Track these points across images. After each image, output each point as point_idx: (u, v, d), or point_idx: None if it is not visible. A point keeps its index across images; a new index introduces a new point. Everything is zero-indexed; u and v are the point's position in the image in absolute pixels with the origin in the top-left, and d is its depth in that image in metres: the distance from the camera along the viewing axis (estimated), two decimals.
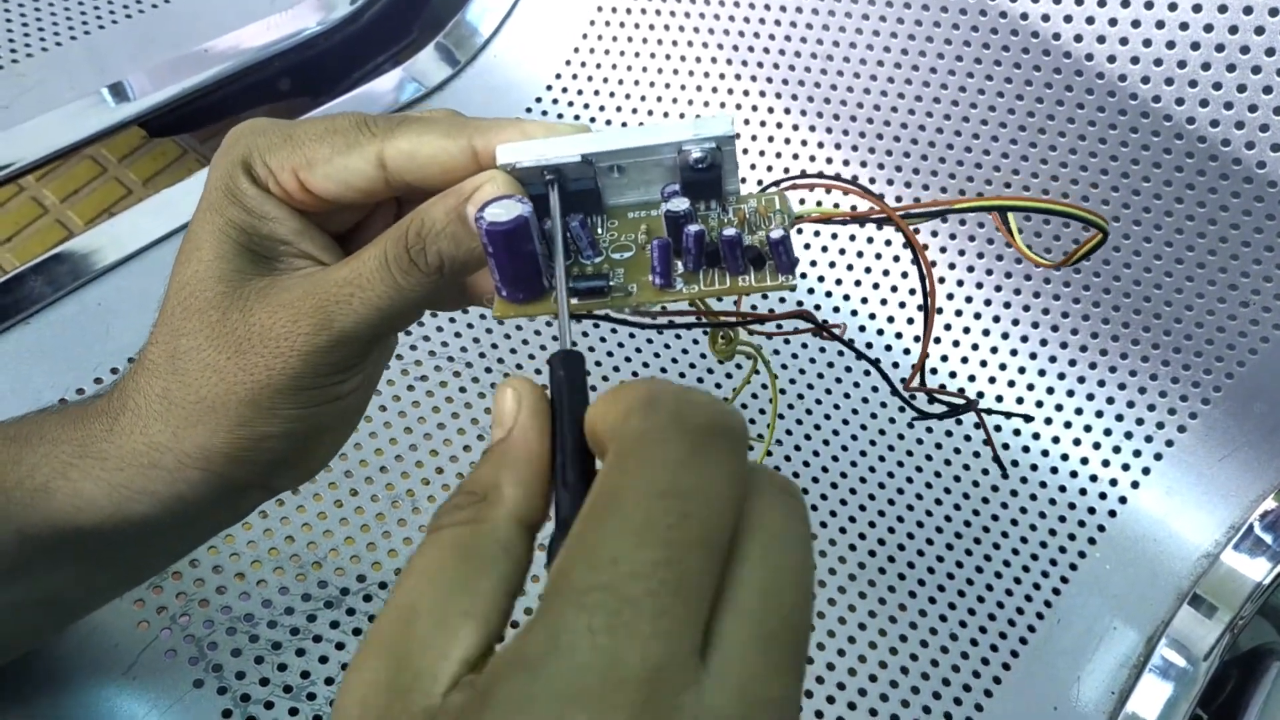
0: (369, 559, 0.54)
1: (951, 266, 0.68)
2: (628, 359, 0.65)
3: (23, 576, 0.37)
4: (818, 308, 0.69)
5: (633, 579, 0.20)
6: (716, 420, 0.23)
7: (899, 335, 0.68)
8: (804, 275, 0.70)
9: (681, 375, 0.66)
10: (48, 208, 1.07)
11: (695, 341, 0.67)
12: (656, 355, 0.66)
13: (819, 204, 0.33)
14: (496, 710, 0.20)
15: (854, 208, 0.32)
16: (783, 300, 0.68)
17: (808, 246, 0.70)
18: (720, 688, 0.20)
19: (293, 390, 0.33)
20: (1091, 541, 0.63)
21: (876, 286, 0.69)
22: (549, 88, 0.77)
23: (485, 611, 0.22)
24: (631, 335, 0.66)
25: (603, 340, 0.66)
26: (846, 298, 0.69)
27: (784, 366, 0.67)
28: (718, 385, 0.65)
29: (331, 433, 0.37)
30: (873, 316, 0.69)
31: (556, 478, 0.25)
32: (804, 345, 0.68)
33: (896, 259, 0.69)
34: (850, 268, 0.70)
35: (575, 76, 0.76)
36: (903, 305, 0.69)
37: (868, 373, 0.67)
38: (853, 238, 0.70)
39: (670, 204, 0.30)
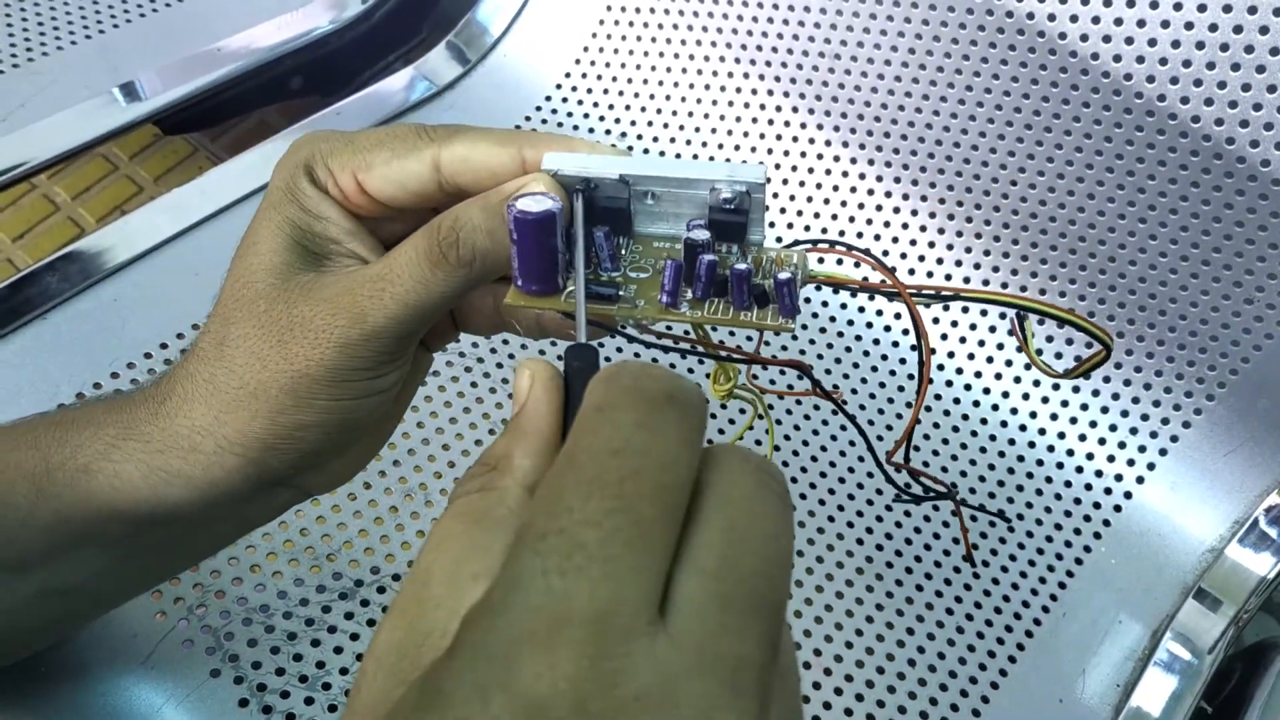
0: (383, 551, 0.55)
1: (958, 264, 0.69)
2: None
3: (53, 562, 0.38)
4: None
5: (585, 525, 0.21)
6: (671, 389, 0.24)
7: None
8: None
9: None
10: (59, 205, 1.08)
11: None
12: None
13: (839, 262, 0.33)
14: (460, 653, 0.21)
15: (865, 278, 0.34)
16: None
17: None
18: (672, 642, 0.21)
19: (330, 381, 0.34)
20: (1097, 536, 0.64)
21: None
22: (558, 86, 0.77)
23: (495, 571, 0.23)
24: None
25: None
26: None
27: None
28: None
29: (364, 438, 0.39)
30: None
31: None
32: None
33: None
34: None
35: (585, 75, 0.77)
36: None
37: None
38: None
39: (693, 233, 0.32)
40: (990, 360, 0.68)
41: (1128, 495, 0.65)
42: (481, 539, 0.24)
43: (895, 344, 0.69)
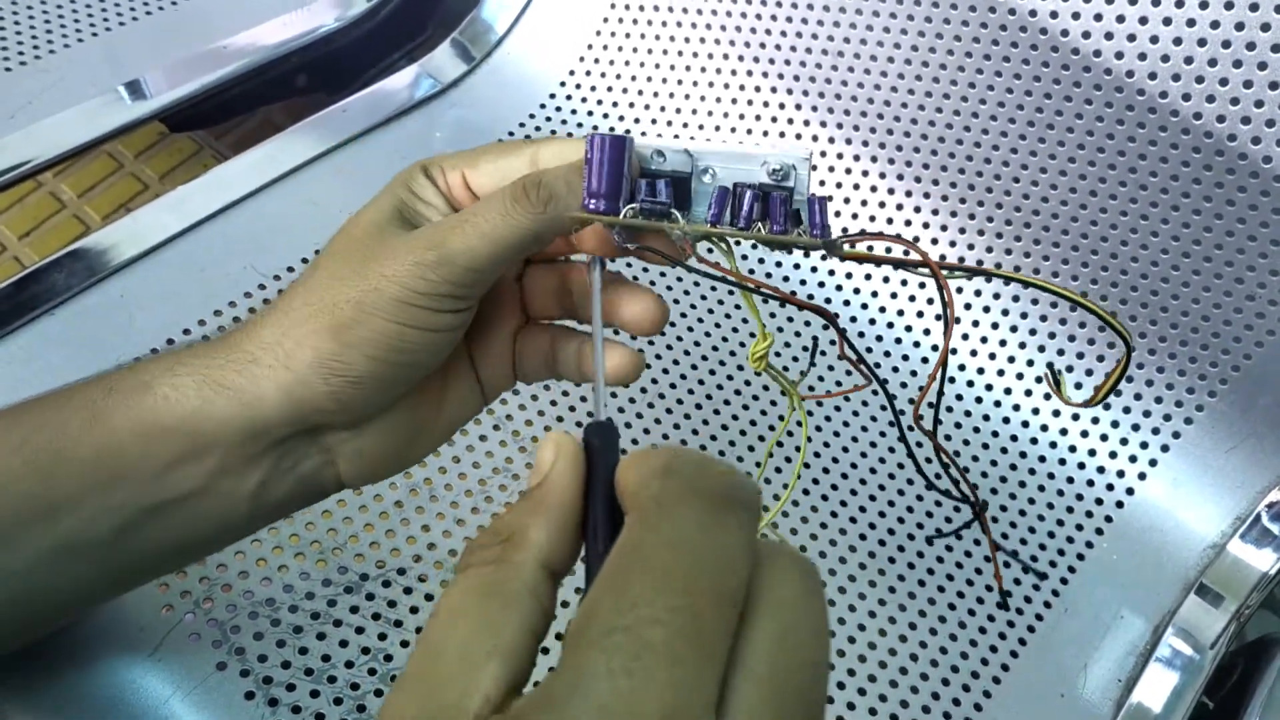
0: (387, 545, 0.55)
1: (962, 261, 0.69)
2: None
3: (82, 508, 0.39)
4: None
5: (652, 624, 0.22)
6: (731, 489, 0.25)
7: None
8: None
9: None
10: (65, 203, 1.08)
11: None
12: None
13: (870, 248, 0.38)
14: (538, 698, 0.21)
15: (890, 253, 0.35)
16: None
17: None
18: None
19: (394, 301, 0.37)
20: (1099, 532, 0.64)
21: (900, 303, 0.70)
22: (562, 84, 0.78)
23: (509, 650, 0.24)
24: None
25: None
26: (864, 307, 0.70)
27: (803, 379, 0.68)
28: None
29: (401, 419, 0.41)
30: (890, 326, 0.70)
31: (589, 532, 0.27)
32: (825, 358, 0.69)
33: (922, 285, 0.69)
34: (868, 277, 0.70)
35: (589, 73, 0.77)
36: (927, 332, 0.69)
37: (885, 384, 0.68)
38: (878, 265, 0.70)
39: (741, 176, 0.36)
40: (993, 357, 0.68)
41: (1130, 491, 0.65)
42: (495, 615, 0.24)
43: (910, 328, 0.69)
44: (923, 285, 0.69)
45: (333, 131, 0.73)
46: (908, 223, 0.70)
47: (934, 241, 0.69)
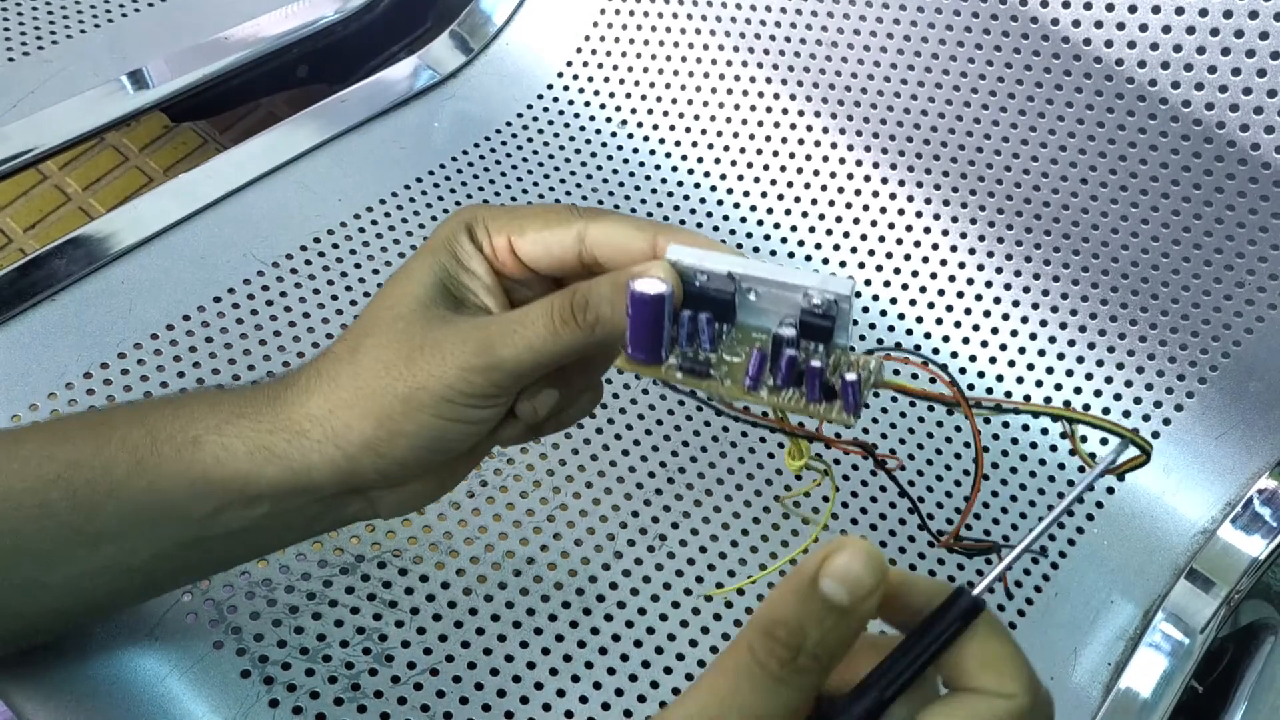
0: (382, 527, 0.56)
1: (953, 249, 0.69)
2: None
3: (126, 539, 0.41)
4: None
5: None
6: None
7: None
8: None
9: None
10: (70, 195, 1.09)
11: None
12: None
13: (895, 372, 0.38)
14: None
15: (930, 391, 0.37)
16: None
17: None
18: None
19: (440, 399, 0.38)
20: (1090, 517, 0.64)
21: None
22: (560, 75, 0.78)
23: None
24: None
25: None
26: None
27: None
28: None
29: (435, 475, 0.43)
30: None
31: (893, 663, 0.30)
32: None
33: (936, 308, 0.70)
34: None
35: (586, 64, 0.78)
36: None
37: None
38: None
39: (781, 329, 0.36)
40: (985, 345, 0.68)
41: (1121, 477, 0.65)
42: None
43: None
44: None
45: (332, 121, 0.74)
46: (900, 211, 0.71)
47: (926, 230, 0.70)
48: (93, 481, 0.40)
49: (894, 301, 0.70)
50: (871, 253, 0.71)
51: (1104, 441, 0.37)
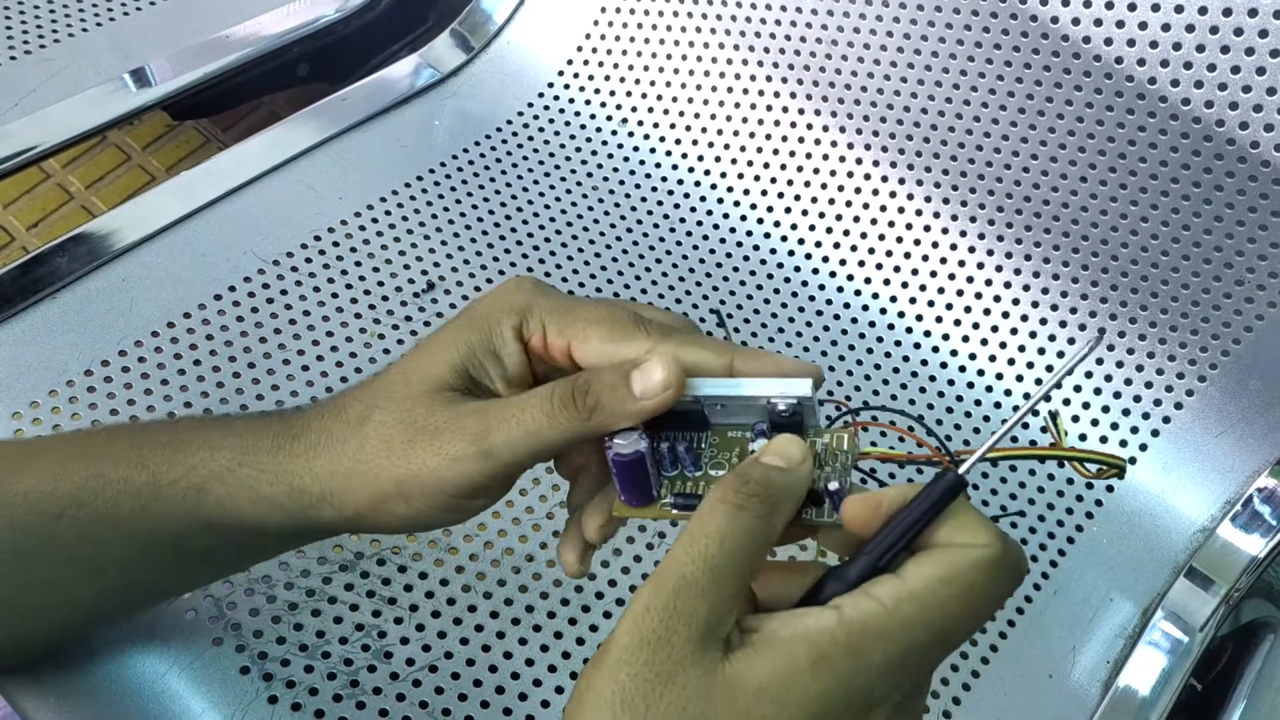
0: None
1: (953, 247, 0.69)
2: None
3: (133, 566, 0.42)
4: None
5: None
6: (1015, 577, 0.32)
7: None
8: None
9: None
10: (73, 194, 1.09)
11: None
12: None
13: (873, 443, 0.39)
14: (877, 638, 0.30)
15: (911, 454, 0.39)
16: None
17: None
18: None
19: (431, 489, 0.38)
20: (1089, 516, 0.64)
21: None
22: (560, 73, 0.78)
23: (745, 596, 0.32)
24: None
25: None
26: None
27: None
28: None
29: (417, 527, 0.42)
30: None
31: (887, 533, 0.33)
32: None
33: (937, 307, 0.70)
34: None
35: (586, 62, 0.78)
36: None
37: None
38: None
39: (755, 443, 0.37)
40: (985, 343, 0.68)
41: (1120, 475, 0.65)
42: (751, 567, 0.33)
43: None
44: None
45: (333, 119, 0.74)
46: (900, 209, 0.71)
47: (926, 229, 0.70)
48: (97, 520, 0.40)
49: (894, 300, 0.70)
50: (872, 250, 0.71)
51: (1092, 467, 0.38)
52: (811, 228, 0.72)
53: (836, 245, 0.72)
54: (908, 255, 0.70)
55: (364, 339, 0.63)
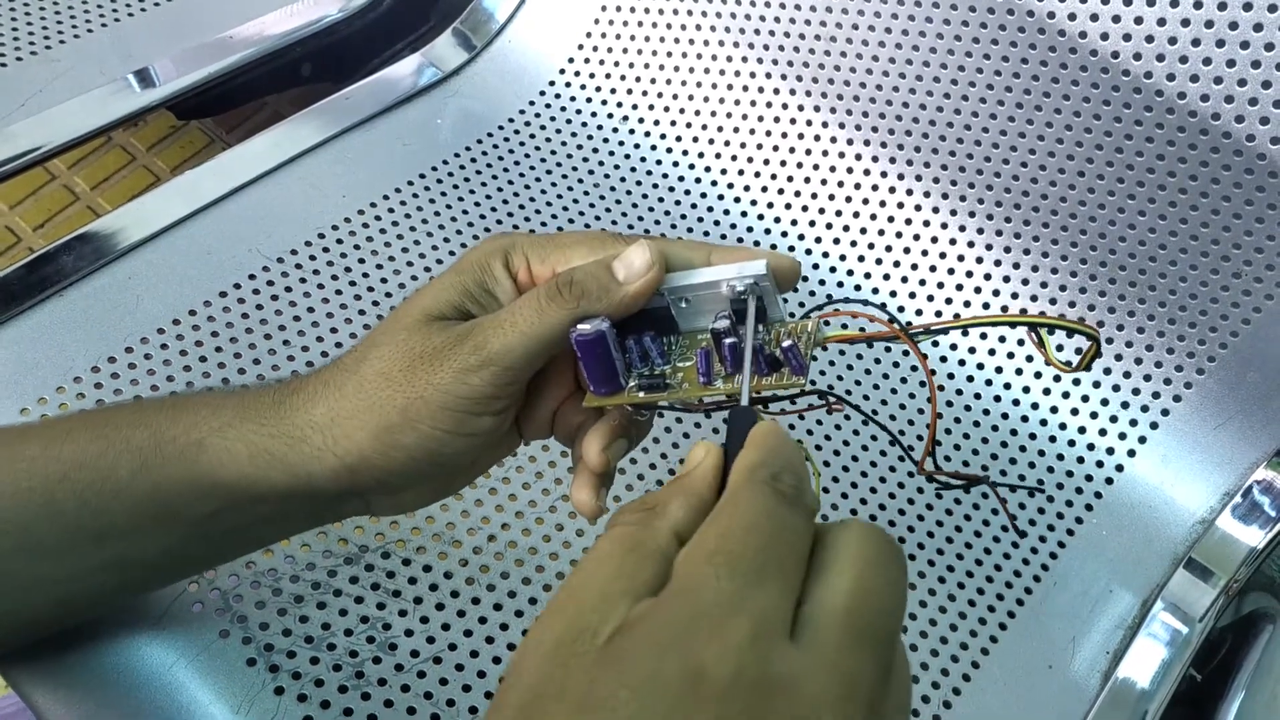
0: (386, 519, 0.56)
1: (953, 242, 0.70)
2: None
3: (132, 536, 0.42)
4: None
5: (747, 553, 0.28)
6: (799, 483, 0.31)
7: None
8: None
9: None
10: (78, 195, 1.10)
11: None
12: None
13: (844, 325, 0.40)
14: (643, 626, 0.27)
15: (871, 330, 0.39)
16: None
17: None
18: (803, 648, 0.27)
19: (438, 407, 0.39)
20: (1089, 508, 0.65)
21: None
22: (562, 71, 0.79)
23: (640, 593, 0.28)
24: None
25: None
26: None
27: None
28: None
29: (436, 482, 0.44)
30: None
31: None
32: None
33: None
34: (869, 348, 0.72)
35: (588, 60, 0.78)
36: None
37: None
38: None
39: (716, 324, 0.38)
40: (984, 337, 0.69)
41: (1120, 468, 0.66)
42: (633, 565, 0.29)
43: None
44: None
45: (336, 119, 0.75)
46: (900, 204, 0.71)
47: (925, 224, 0.70)
48: (98, 482, 0.40)
49: (894, 294, 0.70)
50: (871, 246, 0.71)
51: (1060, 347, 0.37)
52: (812, 223, 0.73)
53: (836, 241, 0.72)
54: (907, 250, 0.71)
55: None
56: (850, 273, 0.71)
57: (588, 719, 0.26)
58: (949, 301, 0.69)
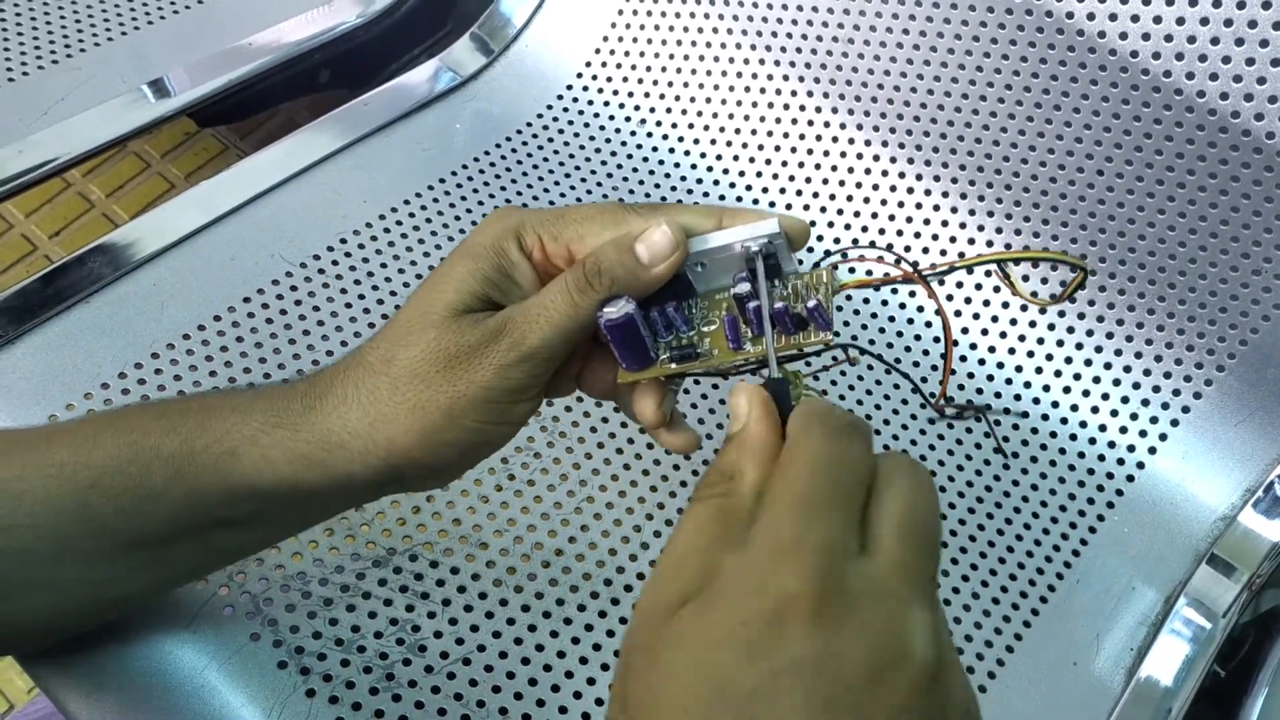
0: (414, 521, 0.57)
1: (971, 242, 0.70)
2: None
3: (171, 537, 0.42)
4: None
5: (815, 493, 0.31)
6: (850, 420, 0.34)
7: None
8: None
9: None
10: (94, 202, 1.11)
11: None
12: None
13: (851, 271, 0.40)
14: (731, 567, 0.31)
15: (886, 274, 0.41)
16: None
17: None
18: (872, 561, 0.31)
19: (481, 402, 0.40)
20: (1110, 505, 0.65)
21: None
22: (579, 75, 0.79)
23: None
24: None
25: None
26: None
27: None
28: None
29: (476, 458, 0.44)
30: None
31: None
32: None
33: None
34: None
35: (605, 64, 0.79)
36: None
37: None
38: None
39: (737, 288, 0.39)
40: (1004, 335, 0.69)
41: (1140, 465, 0.66)
42: (726, 536, 0.32)
43: (912, 320, 0.70)
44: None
45: (354, 125, 0.75)
46: (918, 205, 0.71)
47: (943, 224, 0.71)
48: (132, 489, 0.41)
49: (913, 294, 0.71)
50: (890, 247, 0.71)
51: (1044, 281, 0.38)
52: (830, 224, 0.73)
53: (855, 242, 0.72)
54: (926, 250, 0.71)
55: None
56: (869, 272, 0.72)
57: (705, 654, 0.29)
58: (968, 301, 0.70)
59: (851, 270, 0.37)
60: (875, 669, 0.28)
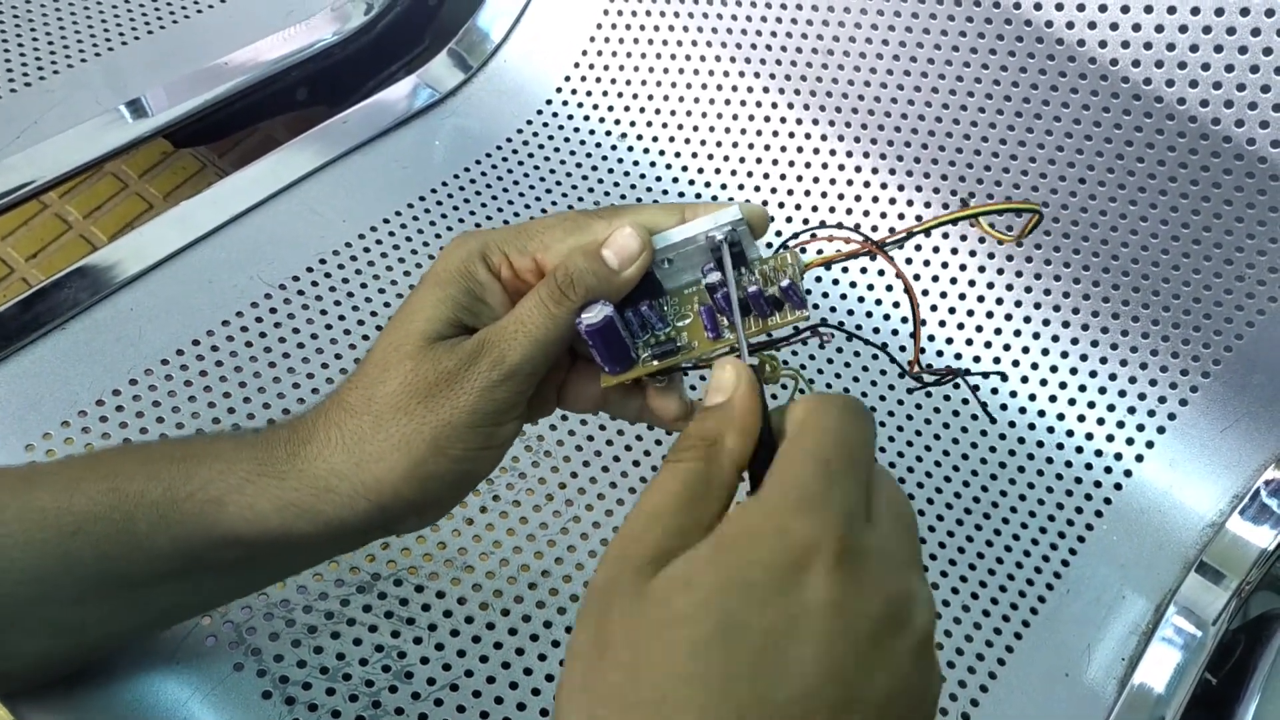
0: (398, 545, 0.56)
1: (954, 251, 0.70)
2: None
3: (156, 582, 0.41)
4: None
5: (836, 456, 0.32)
6: (863, 406, 0.34)
7: (895, 332, 0.70)
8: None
9: None
10: (71, 224, 1.09)
11: None
12: None
13: (819, 251, 0.41)
14: (751, 513, 0.31)
15: (847, 247, 0.41)
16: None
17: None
18: (876, 530, 0.31)
19: (466, 428, 0.39)
20: (1099, 514, 0.65)
21: (883, 289, 0.71)
22: (558, 90, 0.79)
23: (705, 527, 0.31)
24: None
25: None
26: (860, 300, 0.71)
27: (814, 369, 0.69)
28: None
29: (462, 490, 0.43)
30: (885, 316, 0.71)
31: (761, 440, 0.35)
32: (821, 347, 0.70)
33: (883, 277, 0.70)
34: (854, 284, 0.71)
35: (584, 79, 0.78)
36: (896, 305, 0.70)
37: (866, 368, 0.69)
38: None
39: (707, 279, 0.39)
40: (988, 345, 0.69)
41: (1128, 473, 0.66)
42: (699, 500, 0.32)
43: (880, 301, 0.70)
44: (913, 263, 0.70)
45: (333, 143, 0.75)
46: (901, 216, 0.71)
47: (927, 234, 0.70)
48: (115, 535, 0.40)
49: (896, 305, 0.70)
50: (873, 257, 0.71)
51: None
52: (805, 222, 0.73)
53: (838, 283, 0.72)
54: (909, 260, 0.71)
55: None
56: (854, 284, 0.71)
57: (717, 597, 0.29)
58: (952, 310, 0.70)
59: (820, 251, 0.37)
60: (882, 629, 0.30)
